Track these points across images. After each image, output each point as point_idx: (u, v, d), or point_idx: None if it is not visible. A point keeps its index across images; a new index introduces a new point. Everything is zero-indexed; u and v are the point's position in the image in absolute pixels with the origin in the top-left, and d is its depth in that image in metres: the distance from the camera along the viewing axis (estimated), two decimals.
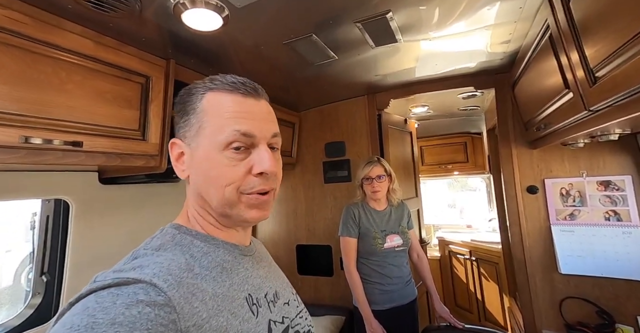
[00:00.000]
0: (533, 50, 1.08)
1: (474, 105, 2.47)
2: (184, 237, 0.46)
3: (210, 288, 0.41)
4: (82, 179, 1.25)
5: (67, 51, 0.84)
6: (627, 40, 0.54)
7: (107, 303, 0.32)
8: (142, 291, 0.34)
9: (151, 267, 0.38)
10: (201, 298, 0.38)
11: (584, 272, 1.43)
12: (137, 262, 0.39)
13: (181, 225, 0.48)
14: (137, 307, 0.32)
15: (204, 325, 0.37)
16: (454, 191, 4.28)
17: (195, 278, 0.40)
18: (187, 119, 0.47)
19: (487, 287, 2.85)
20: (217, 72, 1.42)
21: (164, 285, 0.35)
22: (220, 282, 0.43)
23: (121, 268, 0.39)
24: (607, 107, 0.69)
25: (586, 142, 1.23)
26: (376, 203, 1.59)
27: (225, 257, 0.47)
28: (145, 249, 0.43)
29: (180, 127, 0.49)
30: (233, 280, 0.45)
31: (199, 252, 0.44)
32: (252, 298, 0.46)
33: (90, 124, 0.91)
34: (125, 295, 0.33)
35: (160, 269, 0.37)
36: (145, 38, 1.02)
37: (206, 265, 0.43)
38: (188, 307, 0.36)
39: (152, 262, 0.39)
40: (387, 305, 1.46)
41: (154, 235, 0.46)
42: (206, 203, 0.47)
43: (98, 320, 0.31)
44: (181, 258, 0.42)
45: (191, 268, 0.41)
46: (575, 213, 1.47)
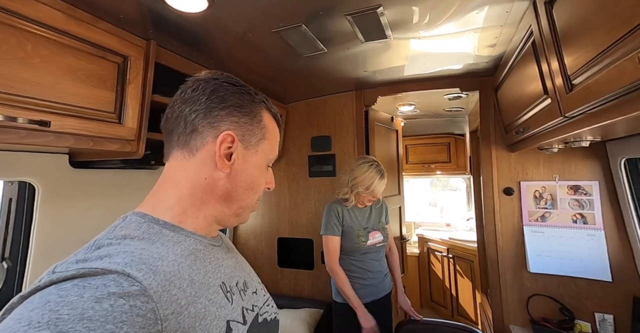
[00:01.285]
0: (517, 55, 1.10)
1: (458, 107, 2.51)
2: (151, 225, 0.44)
3: (187, 275, 0.40)
4: (51, 161, 1.18)
5: (34, 22, 0.78)
6: (602, 50, 0.55)
7: (72, 297, 0.29)
8: (113, 282, 0.32)
9: (121, 256, 0.36)
10: (179, 286, 0.37)
11: (551, 271, 1.50)
12: (102, 252, 0.37)
13: (146, 214, 0.45)
14: (109, 299, 0.30)
15: (182, 312, 0.36)
16: (435, 190, 4.38)
17: (170, 265, 0.39)
18: (251, 124, 0.50)
19: (461, 284, 2.96)
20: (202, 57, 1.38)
21: (139, 274, 0.34)
22: (196, 270, 0.42)
23: (85, 257, 0.36)
24: (581, 114, 0.71)
25: (560, 147, 1.27)
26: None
27: (196, 246, 0.46)
28: (110, 238, 0.40)
29: (238, 126, 0.49)
30: (207, 268, 0.45)
31: (169, 241, 0.43)
32: (226, 286, 0.47)
33: (59, 103, 0.85)
34: (94, 287, 0.31)
35: (132, 258, 0.36)
36: (123, 15, 0.96)
37: (180, 253, 0.42)
38: (166, 295, 0.35)
39: (121, 251, 0.37)
40: (367, 299, 1.49)
41: (115, 224, 0.44)
42: (225, 202, 0.49)
43: (62, 316, 0.28)
44: (152, 247, 0.40)
45: (164, 257, 0.40)
46: (546, 215, 1.54)
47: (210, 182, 0.48)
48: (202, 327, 0.38)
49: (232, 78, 0.51)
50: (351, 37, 1.21)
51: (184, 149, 0.48)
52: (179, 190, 0.48)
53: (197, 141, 0.47)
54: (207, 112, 0.47)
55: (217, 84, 0.49)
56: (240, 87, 0.50)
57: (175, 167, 0.49)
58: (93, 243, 0.39)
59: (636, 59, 0.45)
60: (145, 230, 0.43)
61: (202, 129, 0.47)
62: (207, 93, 0.48)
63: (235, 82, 0.51)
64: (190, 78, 0.51)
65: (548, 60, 0.79)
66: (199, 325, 0.37)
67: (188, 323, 0.36)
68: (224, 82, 0.50)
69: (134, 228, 0.43)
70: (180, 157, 0.48)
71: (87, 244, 0.40)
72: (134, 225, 0.43)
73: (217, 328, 0.40)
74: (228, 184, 0.49)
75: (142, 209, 0.47)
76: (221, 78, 0.50)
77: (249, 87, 0.52)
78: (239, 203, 0.51)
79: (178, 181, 0.48)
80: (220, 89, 0.48)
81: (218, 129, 0.47)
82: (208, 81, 0.49)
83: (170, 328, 0.34)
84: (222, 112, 0.48)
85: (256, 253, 2.28)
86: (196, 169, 0.48)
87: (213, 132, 0.47)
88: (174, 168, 0.49)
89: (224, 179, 0.48)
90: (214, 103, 0.48)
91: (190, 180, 0.48)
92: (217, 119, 0.47)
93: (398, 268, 1.71)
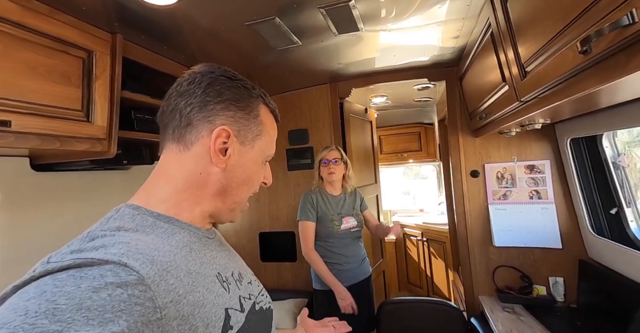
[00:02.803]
0: (477, 45, 1.19)
1: (427, 97, 2.64)
2: (145, 217, 0.43)
3: (184, 266, 0.40)
4: (10, 165, 1.10)
5: None
6: (548, 40, 0.63)
7: (69, 287, 0.29)
8: (110, 273, 0.31)
9: (117, 246, 0.35)
10: (176, 275, 0.37)
11: (512, 244, 1.66)
12: (97, 242, 0.36)
13: (139, 206, 0.44)
14: (107, 289, 0.30)
15: (181, 300, 0.36)
16: (408, 179, 4.57)
17: (167, 256, 0.39)
18: (247, 119, 0.49)
19: (435, 265, 3.16)
20: (173, 51, 1.35)
21: (135, 264, 0.33)
22: (192, 260, 0.43)
23: (80, 248, 0.35)
24: (534, 98, 0.80)
25: (517, 131, 1.40)
26: (332, 187, 1.68)
27: (191, 238, 0.46)
28: (103, 230, 0.39)
29: (234, 121, 0.48)
30: (202, 259, 0.45)
31: (164, 233, 0.43)
32: (222, 276, 0.47)
33: (19, 101, 0.80)
34: (91, 277, 0.30)
35: (128, 248, 0.35)
36: (85, 7, 0.91)
37: (175, 244, 0.42)
38: (164, 284, 0.35)
39: (116, 241, 0.36)
40: (345, 284, 1.54)
41: (108, 216, 0.43)
42: (220, 196, 0.49)
43: (60, 306, 0.27)
44: (147, 238, 0.40)
45: (160, 247, 0.39)
46: (507, 193, 1.69)
47: (205, 176, 0.47)
48: (201, 314, 0.38)
49: (230, 71, 0.50)
50: (324, 30, 1.24)
51: (179, 143, 0.47)
52: (173, 184, 0.47)
53: (192, 135, 0.47)
54: (202, 105, 0.47)
55: (214, 77, 0.48)
56: (237, 80, 0.50)
57: (169, 160, 0.48)
58: (86, 235, 0.39)
59: (574, 47, 0.52)
60: (139, 222, 0.42)
61: (197, 122, 0.46)
62: (203, 86, 0.47)
63: (232, 76, 0.50)
64: (187, 71, 0.50)
65: (505, 50, 0.87)
66: (198, 312, 0.38)
67: (187, 311, 0.36)
68: (221, 75, 0.49)
69: (128, 220, 0.42)
70: (175, 150, 0.48)
71: (80, 235, 0.39)
72: (128, 217, 0.43)
73: (215, 316, 0.40)
74: (223, 179, 0.48)
75: (134, 201, 0.46)
76: (218, 71, 0.49)
77: (246, 81, 0.51)
78: (234, 199, 0.51)
79: (172, 175, 0.47)
80: (217, 82, 0.48)
81: (213, 123, 0.47)
82: (205, 74, 0.48)
83: (170, 316, 0.34)
84: (217, 106, 0.47)
85: (238, 250, 2.20)
86: (191, 163, 0.47)
87: (208, 126, 0.47)
88: (168, 161, 0.48)
89: (219, 174, 0.48)
90: (210, 97, 0.47)
91: (185, 175, 0.47)
92: (212, 113, 0.47)
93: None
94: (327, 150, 1.66)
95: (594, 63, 0.52)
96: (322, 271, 1.52)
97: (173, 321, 0.34)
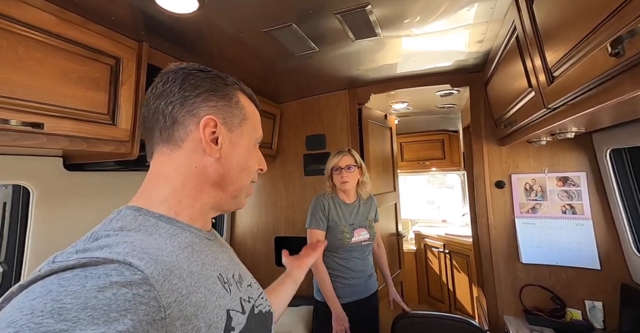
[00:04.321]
0: (502, 50, 1.13)
1: (451, 103, 2.55)
2: (147, 218, 0.44)
3: (186, 266, 0.40)
4: (45, 165, 1.18)
5: (26, 25, 0.79)
6: (577, 43, 0.58)
7: (74, 287, 0.29)
8: (114, 272, 0.32)
9: (121, 246, 0.36)
10: (179, 275, 0.38)
11: (542, 261, 1.54)
12: (102, 242, 0.37)
13: (140, 207, 0.45)
14: (112, 288, 0.30)
15: (184, 300, 0.36)
16: (432, 187, 4.41)
17: (170, 256, 0.39)
18: (229, 106, 0.50)
19: (458, 279, 3.00)
20: (195, 58, 1.39)
21: (140, 263, 0.34)
22: (194, 261, 0.43)
23: (85, 247, 0.36)
24: (563, 105, 0.74)
25: (548, 140, 1.30)
26: (345, 195, 1.56)
27: (192, 239, 0.47)
28: (107, 230, 0.40)
29: (217, 109, 0.49)
30: (204, 260, 0.45)
31: (166, 233, 0.43)
32: (223, 277, 0.47)
33: (52, 105, 0.86)
34: (96, 276, 0.31)
35: (133, 248, 0.36)
36: (115, 17, 0.97)
37: (177, 245, 0.43)
38: (167, 284, 0.35)
39: (120, 241, 0.37)
40: (348, 299, 1.45)
41: (110, 217, 0.43)
42: (219, 186, 0.50)
43: (65, 305, 0.28)
44: (150, 238, 0.40)
45: (163, 248, 0.40)
46: (536, 206, 1.57)
47: (201, 169, 0.48)
48: (203, 315, 0.38)
49: (200, 65, 0.51)
50: (342, 36, 1.23)
51: (169, 143, 0.47)
52: (172, 183, 0.47)
53: (180, 132, 0.47)
54: (182, 101, 0.47)
55: (186, 72, 0.48)
56: (209, 72, 0.50)
57: (162, 162, 0.48)
58: (90, 235, 0.39)
59: (605, 49, 0.47)
60: (141, 223, 0.43)
61: (182, 119, 0.47)
62: (178, 83, 0.47)
63: (204, 68, 0.50)
64: (159, 73, 0.50)
65: (531, 54, 0.82)
66: (200, 313, 0.38)
67: (190, 312, 0.36)
68: (193, 69, 0.49)
69: (130, 221, 0.43)
70: (166, 151, 0.48)
71: (84, 236, 0.40)
72: (130, 218, 0.43)
73: (217, 317, 0.40)
74: (220, 168, 0.49)
75: (135, 203, 0.46)
76: (188, 66, 0.50)
77: (218, 72, 0.52)
78: (234, 186, 0.51)
79: (168, 174, 0.47)
80: (190, 76, 0.48)
81: (198, 115, 0.47)
82: (176, 72, 0.48)
83: (173, 316, 0.34)
84: (197, 99, 0.47)
85: (254, 253, 2.28)
86: (185, 160, 0.47)
87: (194, 119, 0.47)
88: (162, 163, 0.48)
89: (215, 164, 0.48)
90: (187, 91, 0.47)
91: (181, 172, 0.47)
92: (194, 106, 0.47)
93: (386, 263, 1.69)
94: (339, 155, 1.51)
95: (630, 66, 0.47)
96: (324, 287, 1.41)
97: (177, 321, 0.34)
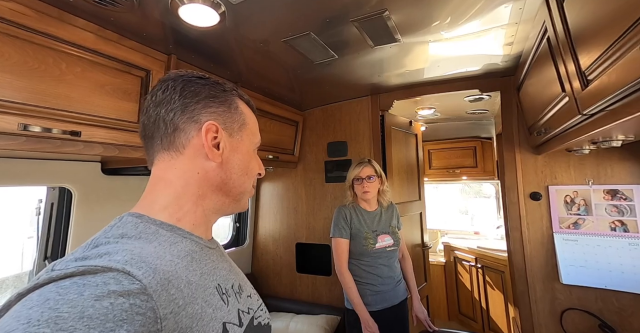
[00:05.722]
0: (534, 52, 1.05)
1: (482, 109, 2.41)
2: (148, 226, 0.44)
3: (184, 276, 0.40)
4: (85, 169, 1.30)
5: (68, 43, 0.88)
6: (612, 42, 0.51)
7: (72, 295, 0.29)
8: (113, 280, 0.31)
9: (121, 254, 0.36)
10: (177, 286, 0.37)
11: (587, 283, 1.38)
12: (102, 250, 0.37)
13: (142, 214, 0.45)
14: (109, 298, 0.30)
15: (180, 312, 0.36)
16: (467, 197, 4.17)
17: (168, 265, 0.39)
18: (229, 111, 0.51)
19: (492, 296, 2.78)
20: (220, 68, 1.45)
21: (139, 273, 0.34)
22: (192, 271, 0.42)
23: (84, 255, 0.35)
24: (601, 111, 0.66)
25: (592, 148, 1.18)
26: (367, 204, 1.60)
27: (192, 247, 0.46)
28: (107, 237, 0.40)
29: (218, 115, 0.49)
30: (203, 269, 0.45)
31: (166, 242, 0.43)
32: (222, 288, 0.46)
33: (88, 115, 0.95)
34: (94, 285, 0.30)
35: (132, 256, 0.36)
36: (146, 33, 1.05)
37: (176, 254, 0.43)
38: (165, 294, 0.35)
39: (120, 249, 0.37)
40: (378, 306, 1.45)
41: (112, 224, 0.43)
42: (221, 191, 0.50)
43: (62, 314, 0.28)
44: (149, 247, 0.40)
45: (162, 256, 0.40)
46: (579, 222, 1.42)
47: (204, 175, 0.48)
48: (199, 328, 0.37)
49: (198, 73, 0.51)
50: (360, 42, 1.23)
51: (170, 150, 0.48)
52: (174, 190, 0.47)
53: (182, 139, 0.47)
54: (183, 108, 0.47)
55: (186, 79, 0.49)
56: (208, 79, 0.51)
57: (164, 169, 0.48)
58: (91, 242, 0.39)
59: None
60: (142, 230, 0.43)
61: (183, 125, 0.47)
62: (178, 90, 0.48)
63: (202, 76, 0.51)
64: (158, 81, 0.51)
65: (563, 55, 0.74)
66: (196, 325, 0.37)
67: (186, 324, 0.36)
68: (192, 76, 0.50)
69: (131, 227, 0.42)
70: (167, 158, 0.48)
71: (84, 243, 0.40)
72: (130, 225, 0.43)
73: (213, 330, 0.40)
74: (222, 173, 0.49)
75: (137, 210, 0.46)
76: (187, 74, 0.50)
77: (216, 79, 0.52)
78: (237, 189, 0.52)
79: (171, 181, 0.47)
80: (190, 84, 0.49)
81: (199, 122, 0.47)
82: (175, 79, 0.49)
83: (169, 327, 0.34)
84: (198, 105, 0.48)
85: (275, 258, 2.30)
86: (187, 166, 0.48)
87: (195, 125, 0.47)
88: (164, 170, 0.48)
89: (217, 169, 0.49)
90: (188, 98, 0.48)
91: (184, 178, 0.47)
92: (195, 112, 0.47)
93: (412, 275, 1.66)
94: (360, 166, 1.57)
95: None
96: (351, 294, 1.44)
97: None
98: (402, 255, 1.67)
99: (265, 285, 2.29)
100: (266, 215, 2.37)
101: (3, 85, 0.76)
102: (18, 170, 1.09)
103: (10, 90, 0.77)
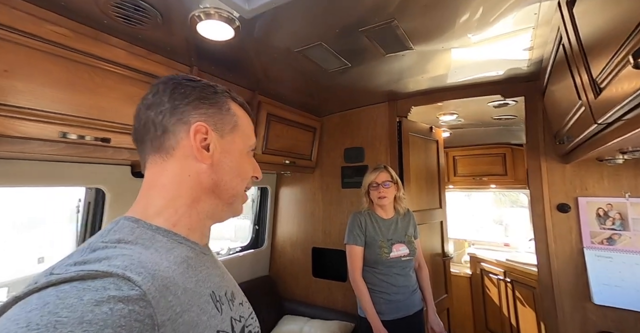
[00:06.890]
0: (553, 56, 0.99)
1: (509, 115, 2.29)
2: (144, 231, 0.43)
3: (181, 283, 0.40)
4: (117, 171, 1.42)
5: (102, 60, 0.99)
6: (618, 48, 0.48)
7: (71, 300, 0.29)
8: (113, 286, 0.31)
9: (120, 258, 0.35)
10: (174, 292, 0.37)
11: (624, 305, 1.26)
12: (100, 254, 0.36)
13: (138, 219, 0.44)
14: (109, 303, 0.30)
15: (177, 319, 0.36)
16: (501, 206, 3.94)
17: (166, 271, 0.39)
18: (220, 112, 0.50)
19: (523, 313, 2.60)
20: (240, 77, 1.53)
21: (138, 278, 0.33)
22: (188, 278, 0.42)
23: (83, 259, 0.35)
24: (617, 120, 0.62)
25: (626, 158, 1.08)
26: (383, 211, 1.58)
27: (188, 253, 0.46)
28: (104, 242, 0.39)
29: (208, 116, 0.48)
30: (198, 276, 0.45)
31: (162, 247, 0.43)
32: (216, 295, 0.46)
33: (117, 123, 1.05)
34: (94, 290, 0.30)
35: (132, 261, 0.36)
36: (170, 47, 1.14)
37: (173, 260, 0.42)
38: (163, 301, 0.35)
39: (119, 254, 0.37)
40: (392, 316, 1.43)
41: (108, 228, 0.43)
42: (214, 194, 0.49)
43: (62, 319, 0.28)
44: (147, 252, 0.40)
45: (160, 262, 0.39)
46: (614, 237, 1.30)
47: (195, 177, 0.47)
48: None
49: (189, 76, 0.51)
50: (372, 51, 1.24)
51: (160, 152, 0.47)
52: (167, 193, 0.47)
53: (171, 141, 0.47)
54: (172, 110, 0.47)
55: (176, 82, 0.49)
56: (198, 81, 0.50)
57: (155, 172, 0.48)
58: (87, 246, 0.39)
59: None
60: (138, 235, 0.42)
61: (172, 127, 0.46)
62: (168, 93, 0.47)
63: (193, 78, 0.50)
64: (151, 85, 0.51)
65: (575, 61, 0.70)
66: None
67: (182, 331, 0.36)
68: (182, 79, 0.49)
69: (127, 232, 0.42)
70: (158, 161, 0.47)
71: (80, 247, 0.39)
72: (127, 229, 0.42)
73: None
74: (213, 175, 0.48)
75: (132, 214, 0.45)
76: (178, 77, 0.50)
77: (208, 81, 0.51)
78: (230, 192, 0.51)
79: (163, 184, 0.47)
80: (180, 86, 0.48)
81: (188, 123, 0.47)
82: (166, 82, 0.49)
83: None
84: (187, 106, 0.47)
85: (292, 261, 2.34)
86: (178, 169, 0.47)
87: (184, 127, 0.47)
88: (155, 174, 0.48)
89: (208, 171, 0.48)
90: (178, 100, 0.47)
91: (175, 181, 0.47)
92: (184, 114, 0.47)
93: (429, 285, 1.61)
94: (375, 172, 1.56)
95: None
96: (364, 302, 1.42)
97: None
98: (419, 265, 1.62)
99: (282, 287, 2.33)
100: (284, 218, 2.42)
101: (47, 98, 0.87)
102: (59, 172, 1.22)
103: (52, 102, 0.88)
